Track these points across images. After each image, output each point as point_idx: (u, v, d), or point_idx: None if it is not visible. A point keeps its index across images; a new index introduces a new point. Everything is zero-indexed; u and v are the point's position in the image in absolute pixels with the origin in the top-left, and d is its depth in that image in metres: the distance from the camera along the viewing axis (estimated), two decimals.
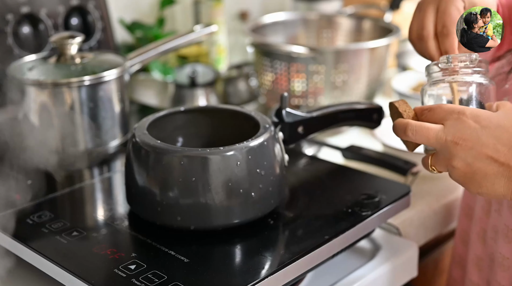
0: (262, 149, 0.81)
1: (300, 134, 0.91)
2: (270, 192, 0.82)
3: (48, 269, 0.77)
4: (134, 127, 0.85)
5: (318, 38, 1.49)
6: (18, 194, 0.92)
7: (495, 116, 0.70)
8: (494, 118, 0.70)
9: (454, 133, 0.69)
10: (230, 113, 0.91)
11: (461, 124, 0.69)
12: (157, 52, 1.16)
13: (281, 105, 0.90)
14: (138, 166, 0.81)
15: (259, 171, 0.80)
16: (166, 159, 0.78)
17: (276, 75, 1.27)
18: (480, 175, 0.68)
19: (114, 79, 1.05)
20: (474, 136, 0.69)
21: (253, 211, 0.81)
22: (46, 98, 1.03)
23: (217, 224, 0.80)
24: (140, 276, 0.72)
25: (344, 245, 0.82)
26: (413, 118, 0.74)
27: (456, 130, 0.69)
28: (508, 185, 0.68)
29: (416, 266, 0.95)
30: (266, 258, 0.77)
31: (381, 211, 0.86)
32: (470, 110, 0.70)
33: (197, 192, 0.78)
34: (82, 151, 1.05)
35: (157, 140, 0.81)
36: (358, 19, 1.47)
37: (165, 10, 1.56)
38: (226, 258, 0.79)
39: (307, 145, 1.14)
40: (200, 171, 0.78)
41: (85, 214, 0.89)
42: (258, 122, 0.85)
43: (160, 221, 0.80)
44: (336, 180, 0.97)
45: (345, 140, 1.21)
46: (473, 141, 0.68)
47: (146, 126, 0.84)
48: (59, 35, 1.07)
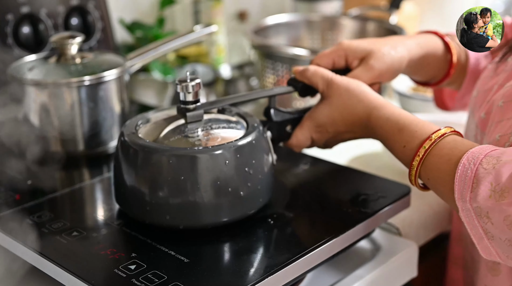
0: (250, 148, 0.81)
1: (288, 133, 0.91)
2: (258, 191, 0.82)
3: (48, 269, 0.77)
4: (123, 127, 0.85)
5: (322, 40, 1.49)
6: (18, 194, 0.92)
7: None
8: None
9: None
10: (220, 112, 0.92)
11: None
12: (157, 52, 1.16)
13: (269, 105, 0.90)
14: (127, 165, 0.81)
15: (247, 169, 0.80)
16: (155, 158, 0.79)
17: (277, 77, 1.27)
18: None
19: (114, 79, 1.06)
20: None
21: (241, 209, 0.81)
22: (46, 98, 1.03)
23: (206, 222, 0.80)
24: (140, 276, 0.72)
25: (344, 245, 0.82)
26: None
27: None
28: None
29: (416, 266, 0.95)
30: (266, 258, 0.77)
31: (381, 211, 0.86)
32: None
33: (186, 190, 0.78)
34: (82, 150, 1.05)
35: (146, 140, 0.81)
36: (362, 20, 1.46)
37: (165, 10, 1.56)
38: (226, 258, 0.79)
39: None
40: (188, 169, 0.78)
41: (85, 214, 0.89)
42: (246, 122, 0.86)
43: (149, 220, 0.81)
44: (336, 180, 0.97)
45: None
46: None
47: (134, 125, 0.84)
48: (59, 35, 1.07)
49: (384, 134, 0.83)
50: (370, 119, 0.84)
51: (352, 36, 1.47)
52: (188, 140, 0.81)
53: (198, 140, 0.81)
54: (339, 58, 0.93)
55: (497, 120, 0.82)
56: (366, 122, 0.85)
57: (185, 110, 0.83)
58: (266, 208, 0.85)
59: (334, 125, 0.88)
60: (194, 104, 0.84)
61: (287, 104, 1.27)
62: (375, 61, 0.91)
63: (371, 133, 0.86)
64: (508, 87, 0.82)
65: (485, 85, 0.91)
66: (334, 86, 0.87)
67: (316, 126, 0.89)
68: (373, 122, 0.84)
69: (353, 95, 0.86)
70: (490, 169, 0.68)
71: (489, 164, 0.69)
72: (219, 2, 1.58)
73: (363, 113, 0.85)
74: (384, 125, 0.83)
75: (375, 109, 0.84)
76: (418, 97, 1.36)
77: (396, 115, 0.82)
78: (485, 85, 0.90)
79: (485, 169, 0.69)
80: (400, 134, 0.80)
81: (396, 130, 0.81)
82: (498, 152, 0.70)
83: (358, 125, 0.86)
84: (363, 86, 0.87)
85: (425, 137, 0.77)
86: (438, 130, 0.77)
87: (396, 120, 0.82)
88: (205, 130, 0.82)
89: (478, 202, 0.69)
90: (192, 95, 0.83)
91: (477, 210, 0.69)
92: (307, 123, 0.90)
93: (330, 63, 0.93)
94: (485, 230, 0.70)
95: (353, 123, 0.86)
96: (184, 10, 1.65)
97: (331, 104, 0.88)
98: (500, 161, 0.69)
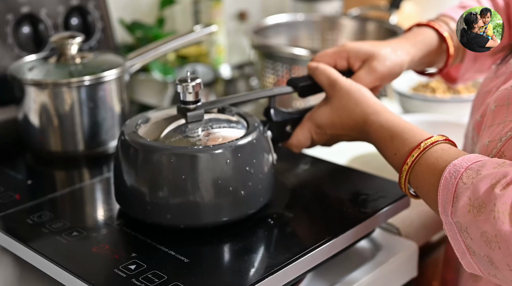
0: (251, 147, 0.81)
1: (288, 133, 0.91)
2: (259, 190, 0.82)
3: (48, 269, 0.77)
4: (124, 126, 0.85)
5: (322, 40, 1.49)
6: (18, 194, 0.92)
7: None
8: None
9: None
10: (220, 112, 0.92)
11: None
12: (157, 52, 1.16)
13: (269, 105, 0.90)
14: (127, 164, 0.81)
15: (248, 169, 0.80)
16: (155, 157, 0.79)
17: (277, 77, 1.27)
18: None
19: (114, 79, 1.06)
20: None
21: (242, 208, 0.81)
22: (46, 98, 1.03)
23: (207, 221, 0.80)
24: (140, 276, 0.72)
25: (344, 245, 0.82)
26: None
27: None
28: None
29: (416, 266, 0.95)
30: (266, 258, 0.77)
31: (381, 211, 0.86)
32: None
33: (187, 190, 0.78)
34: (82, 150, 1.05)
35: (147, 139, 0.81)
36: (362, 20, 1.46)
37: (165, 10, 1.56)
38: (226, 258, 0.79)
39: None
40: (189, 169, 0.78)
41: (85, 214, 0.89)
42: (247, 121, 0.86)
43: (150, 219, 0.81)
44: (336, 180, 0.97)
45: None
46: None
47: (135, 124, 0.85)
48: (59, 35, 1.07)
49: (378, 141, 0.83)
50: (366, 124, 0.85)
51: (352, 36, 1.47)
52: (188, 140, 0.81)
53: (199, 140, 0.81)
54: (341, 59, 0.93)
55: (488, 125, 0.81)
56: (362, 127, 0.85)
57: (186, 110, 0.83)
58: (266, 208, 0.85)
59: (333, 128, 0.88)
60: (194, 104, 0.84)
61: (287, 104, 1.27)
62: (377, 64, 0.92)
63: (367, 138, 0.86)
64: (502, 91, 0.81)
65: (485, 87, 0.91)
66: (337, 87, 0.88)
67: (316, 127, 0.89)
68: (368, 128, 0.84)
69: (352, 98, 0.86)
70: (468, 184, 0.67)
71: (468, 178, 0.68)
72: (219, 2, 1.58)
73: (360, 118, 0.85)
74: (378, 131, 0.83)
75: (371, 115, 0.84)
76: (418, 97, 1.36)
77: (390, 122, 0.82)
78: (485, 87, 0.90)
79: (465, 183, 0.68)
80: (391, 141, 0.81)
81: (388, 137, 0.81)
82: (479, 164, 0.69)
83: (354, 129, 0.86)
84: (364, 90, 0.87)
85: (414, 146, 0.77)
86: (429, 138, 0.77)
87: (389, 127, 0.82)
88: (205, 130, 0.82)
89: (458, 216, 0.68)
90: (193, 95, 0.83)
91: (458, 225, 0.68)
92: (308, 123, 0.90)
93: (332, 64, 0.93)
94: (467, 245, 0.69)
95: (350, 127, 0.87)
96: (184, 10, 1.65)
97: (331, 105, 0.88)
98: (479, 175, 0.67)
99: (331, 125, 0.88)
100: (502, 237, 0.64)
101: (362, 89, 0.87)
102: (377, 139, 0.83)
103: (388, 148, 0.81)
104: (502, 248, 0.64)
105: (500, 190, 0.65)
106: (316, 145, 0.92)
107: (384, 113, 0.84)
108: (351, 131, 0.87)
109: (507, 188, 0.64)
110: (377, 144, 0.84)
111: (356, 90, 0.87)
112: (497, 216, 0.64)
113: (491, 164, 0.68)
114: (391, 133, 0.81)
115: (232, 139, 0.81)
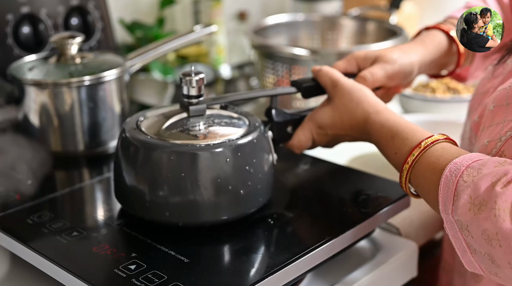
0: (251, 147, 0.81)
1: (289, 134, 0.91)
2: (258, 190, 0.82)
3: (48, 269, 0.77)
4: (125, 123, 0.85)
5: (322, 40, 1.49)
6: (18, 194, 0.92)
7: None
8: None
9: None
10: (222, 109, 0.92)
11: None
12: (157, 52, 1.16)
13: (271, 105, 0.90)
14: (127, 161, 0.81)
15: (248, 168, 0.80)
16: (155, 154, 0.79)
17: (277, 77, 1.27)
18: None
19: (114, 79, 1.06)
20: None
21: (241, 208, 0.81)
22: (46, 98, 1.03)
23: (205, 220, 0.80)
24: (140, 276, 0.72)
25: (344, 245, 0.82)
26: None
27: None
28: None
29: (416, 266, 0.95)
30: (266, 258, 0.77)
31: (381, 211, 0.86)
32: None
33: (186, 187, 0.78)
34: (82, 150, 1.05)
35: (147, 134, 0.81)
36: (362, 20, 1.46)
37: (165, 10, 1.56)
38: (226, 258, 0.79)
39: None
40: (189, 166, 0.78)
41: (85, 214, 0.89)
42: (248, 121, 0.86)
43: (148, 216, 0.81)
44: (336, 180, 0.97)
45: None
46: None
47: (136, 122, 0.85)
48: (59, 35, 1.07)
49: (378, 140, 0.83)
50: (367, 123, 0.85)
51: (352, 36, 1.47)
52: (189, 134, 0.81)
53: (200, 134, 0.81)
54: (351, 66, 0.94)
55: (487, 125, 0.81)
56: (363, 126, 0.85)
57: (188, 104, 0.83)
58: (266, 208, 0.85)
59: (334, 128, 0.88)
60: (197, 98, 0.84)
61: (287, 105, 1.27)
62: (387, 61, 0.92)
63: (368, 138, 0.86)
64: (500, 91, 0.81)
65: (482, 87, 0.91)
66: (338, 87, 0.88)
67: (317, 128, 0.89)
68: (369, 127, 0.84)
69: (354, 98, 0.86)
70: (469, 182, 0.68)
71: (469, 176, 0.68)
72: (219, 2, 1.58)
73: (361, 117, 0.85)
74: (379, 131, 0.83)
75: (372, 114, 0.84)
76: (418, 97, 1.36)
77: (391, 122, 0.82)
78: (483, 87, 0.90)
79: (465, 181, 0.68)
80: (392, 140, 0.81)
81: (389, 136, 0.81)
82: (480, 162, 0.69)
83: (355, 129, 0.86)
84: (365, 90, 0.87)
85: (415, 145, 0.77)
86: (429, 137, 0.77)
87: (390, 126, 0.82)
88: (207, 124, 0.82)
89: (458, 215, 0.68)
90: (196, 89, 0.83)
91: (459, 223, 0.69)
92: (309, 124, 0.90)
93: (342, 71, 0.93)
94: (468, 243, 0.69)
95: (351, 127, 0.87)
96: (184, 10, 1.65)
97: (333, 105, 0.88)
98: (480, 173, 0.68)
99: (332, 125, 0.88)
100: (503, 234, 0.64)
101: (364, 89, 0.87)
102: (378, 139, 0.83)
103: (389, 147, 0.81)
104: (503, 246, 0.64)
105: (501, 188, 0.65)
106: (317, 146, 0.92)
107: (385, 112, 0.84)
108: (352, 131, 0.87)
109: (508, 186, 0.65)
110: (378, 143, 0.84)
111: (358, 90, 0.87)
112: (498, 214, 0.64)
113: (492, 163, 0.69)
114: (392, 133, 0.81)
115: (233, 137, 0.81)
